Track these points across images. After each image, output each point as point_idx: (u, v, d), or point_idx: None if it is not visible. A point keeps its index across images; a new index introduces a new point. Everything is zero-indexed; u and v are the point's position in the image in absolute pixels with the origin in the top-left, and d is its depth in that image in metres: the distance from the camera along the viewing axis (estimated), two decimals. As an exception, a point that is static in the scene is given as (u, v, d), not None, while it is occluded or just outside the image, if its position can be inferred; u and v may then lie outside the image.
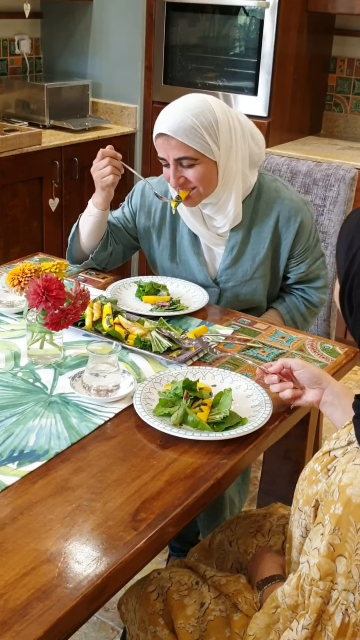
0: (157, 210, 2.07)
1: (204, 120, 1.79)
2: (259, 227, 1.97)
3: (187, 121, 1.78)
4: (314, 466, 1.12)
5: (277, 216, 1.96)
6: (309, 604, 1.04)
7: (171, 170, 1.84)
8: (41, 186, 3.47)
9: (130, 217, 2.13)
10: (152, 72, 3.80)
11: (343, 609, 1.00)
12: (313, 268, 2.06)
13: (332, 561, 1.01)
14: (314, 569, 1.02)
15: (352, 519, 0.98)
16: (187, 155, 1.81)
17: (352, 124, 3.88)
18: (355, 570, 0.98)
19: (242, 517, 1.60)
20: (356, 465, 1.01)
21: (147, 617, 1.35)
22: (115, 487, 1.25)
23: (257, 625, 1.20)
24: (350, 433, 1.07)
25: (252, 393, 1.53)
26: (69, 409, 1.47)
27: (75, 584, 1.05)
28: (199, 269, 2.04)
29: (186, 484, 1.27)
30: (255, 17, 3.41)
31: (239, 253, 1.99)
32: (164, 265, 2.10)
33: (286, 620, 1.10)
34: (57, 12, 4.02)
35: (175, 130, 1.78)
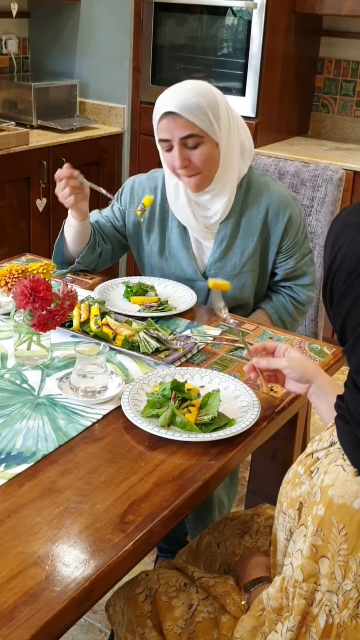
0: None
1: (208, 100, 1.83)
2: (248, 220, 1.98)
3: (193, 99, 1.81)
4: (297, 469, 1.12)
5: (267, 209, 1.97)
6: (293, 606, 1.04)
7: (176, 151, 1.84)
8: (28, 186, 3.46)
9: (120, 215, 2.12)
10: (139, 72, 3.79)
11: (327, 610, 1.01)
12: (301, 264, 2.06)
13: (315, 562, 1.01)
14: (297, 571, 1.02)
15: (334, 520, 0.99)
16: (193, 133, 1.82)
17: (340, 124, 3.89)
18: (339, 571, 0.98)
19: (229, 519, 1.60)
20: (338, 466, 1.01)
21: (135, 619, 1.34)
22: (103, 489, 1.25)
23: (244, 628, 1.20)
24: (332, 434, 1.08)
25: (241, 394, 1.53)
26: (56, 411, 1.46)
27: (62, 587, 1.04)
28: (188, 263, 2.04)
29: (174, 485, 1.27)
30: (243, 17, 3.41)
31: (228, 246, 2.00)
32: (152, 261, 2.10)
33: (271, 623, 1.10)
34: (45, 12, 4.01)
35: (183, 107, 1.80)
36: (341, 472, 1.00)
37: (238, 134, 1.92)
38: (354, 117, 3.84)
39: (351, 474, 1.00)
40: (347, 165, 3.20)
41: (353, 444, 1.01)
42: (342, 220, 1.06)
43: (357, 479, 0.99)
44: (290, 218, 1.98)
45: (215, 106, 1.84)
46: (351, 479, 0.99)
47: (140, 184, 2.09)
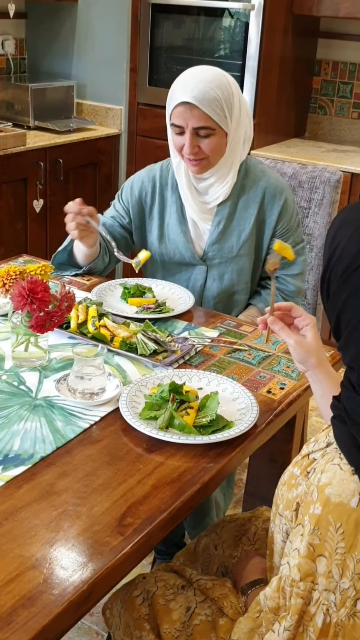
0: (148, 194, 2.12)
1: (224, 93, 1.88)
2: (245, 203, 2.03)
3: (211, 92, 1.86)
4: (294, 470, 1.12)
5: (263, 193, 2.03)
6: (290, 606, 1.03)
7: (188, 138, 1.90)
8: (25, 187, 3.45)
9: (124, 212, 2.16)
10: (137, 73, 3.79)
11: (324, 609, 1.00)
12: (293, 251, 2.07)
13: (312, 561, 1.00)
14: (294, 570, 1.02)
15: (332, 519, 0.98)
16: (207, 125, 1.88)
17: (337, 126, 3.89)
18: (336, 569, 0.98)
19: (227, 521, 1.59)
20: (334, 465, 1.01)
21: (133, 622, 1.34)
22: (101, 491, 1.24)
23: (241, 630, 1.19)
24: (328, 435, 1.07)
25: (239, 396, 1.52)
26: (54, 413, 1.45)
27: (60, 591, 1.04)
28: (186, 247, 2.07)
29: (172, 488, 1.26)
30: (240, 19, 3.41)
31: (225, 228, 2.04)
32: (152, 249, 2.13)
33: (268, 623, 1.10)
34: (42, 13, 4.00)
35: (201, 100, 1.85)
36: (338, 471, 1.00)
37: (244, 122, 1.98)
38: (351, 119, 3.85)
39: (348, 472, 0.99)
40: (344, 167, 3.20)
41: (350, 443, 1.00)
42: (343, 216, 1.07)
43: (354, 478, 0.98)
44: (286, 203, 2.04)
45: (230, 98, 1.90)
46: (348, 478, 0.99)
47: (140, 177, 2.15)
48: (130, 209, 2.14)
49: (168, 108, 1.93)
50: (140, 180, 2.13)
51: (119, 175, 4.00)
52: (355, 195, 3.27)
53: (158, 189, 2.10)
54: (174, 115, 1.91)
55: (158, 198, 2.10)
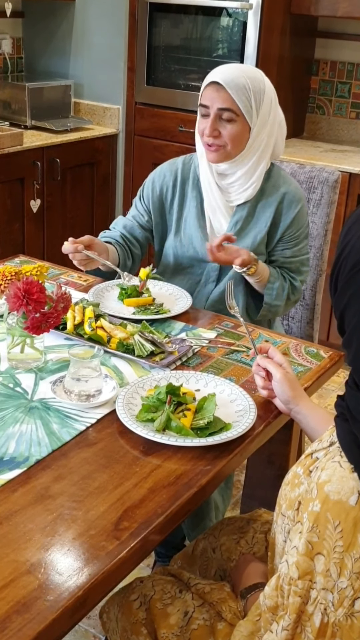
0: (169, 188, 2.13)
1: (255, 85, 1.93)
2: (264, 206, 2.05)
3: (241, 79, 1.91)
4: (297, 470, 1.11)
5: (282, 198, 2.05)
6: (288, 604, 1.02)
7: (210, 119, 1.93)
8: (22, 187, 3.44)
9: (144, 210, 2.18)
10: (134, 73, 3.77)
11: (322, 608, 0.99)
12: (296, 260, 2.10)
13: (311, 559, 0.99)
14: (293, 568, 1.01)
15: (330, 516, 0.97)
16: (230, 108, 1.91)
17: (335, 126, 3.88)
18: (334, 568, 0.97)
19: (225, 524, 1.58)
20: (335, 463, 1.00)
21: (130, 626, 1.32)
22: (97, 495, 1.23)
23: (241, 633, 1.18)
24: (332, 435, 1.06)
25: (236, 398, 1.51)
26: (49, 415, 1.44)
27: (55, 596, 1.02)
28: (202, 243, 2.08)
29: (169, 491, 1.25)
30: (238, 18, 3.40)
31: (241, 229, 2.06)
32: (167, 244, 2.15)
33: (267, 623, 1.08)
34: (39, 12, 3.99)
35: (229, 82, 1.90)
36: (338, 469, 0.99)
37: (274, 132, 2.01)
38: (349, 118, 3.83)
39: (348, 470, 0.98)
40: (342, 167, 3.18)
41: (350, 441, 1.00)
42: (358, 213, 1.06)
43: (353, 476, 0.97)
44: (300, 212, 2.06)
45: (260, 93, 1.94)
46: (348, 476, 0.98)
47: (162, 171, 2.16)
48: (151, 206, 2.16)
49: (201, 90, 1.98)
50: (162, 175, 2.15)
51: (116, 175, 3.98)
52: (353, 195, 3.26)
53: (180, 182, 2.12)
54: (202, 95, 1.95)
55: (179, 192, 2.12)
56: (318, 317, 2.50)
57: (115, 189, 4.01)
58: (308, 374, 1.67)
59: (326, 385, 3.31)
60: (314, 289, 2.44)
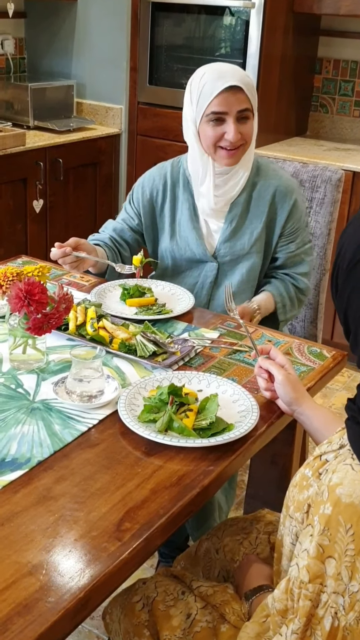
0: (159, 192, 2.13)
1: (252, 79, 2.00)
2: (257, 201, 2.05)
3: (247, 78, 1.96)
4: (305, 471, 1.10)
5: (274, 192, 2.05)
6: (298, 608, 1.01)
7: (232, 124, 1.93)
8: (25, 187, 3.44)
9: (134, 213, 2.18)
10: (137, 72, 3.77)
11: (332, 612, 0.98)
12: (301, 250, 2.12)
13: (322, 563, 0.98)
14: (303, 571, 1.00)
15: (342, 519, 0.96)
16: (248, 107, 1.95)
17: (338, 125, 3.87)
18: (345, 572, 0.96)
19: (228, 524, 1.57)
20: (346, 465, 0.99)
21: (132, 628, 1.32)
22: (99, 496, 1.22)
23: (247, 635, 1.17)
24: (342, 437, 1.06)
25: (239, 398, 1.51)
26: (51, 416, 1.44)
27: (57, 598, 1.02)
28: (197, 243, 2.08)
29: (172, 492, 1.24)
30: (241, 17, 3.39)
31: (237, 226, 2.06)
32: (163, 247, 2.15)
33: (276, 627, 1.08)
34: (41, 12, 3.98)
35: (245, 83, 1.93)
36: (350, 471, 0.98)
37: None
38: (352, 117, 3.82)
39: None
40: (346, 166, 3.18)
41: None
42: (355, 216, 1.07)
43: None
44: (296, 203, 2.06)
45: (254, 86, 1.99)
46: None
47: (151, 175, 2.16)
48: (141, 209, 2.15)
49: (203, 100, 1.93)
50: (151, 179, 2.14)
51: (119, 175, 3.98)
52: (357, 194, 3.25)
53: (170, 186, 2.11)
54: (214, 104, 1.92)
55: (169, 195, 2.12)
56: (322, 316, 2.50)
57: (118, 189, 4.00)
58: (311, 374, 1.67)
59: (330, 385, 3.30)
60: (318, 289, 2.43)
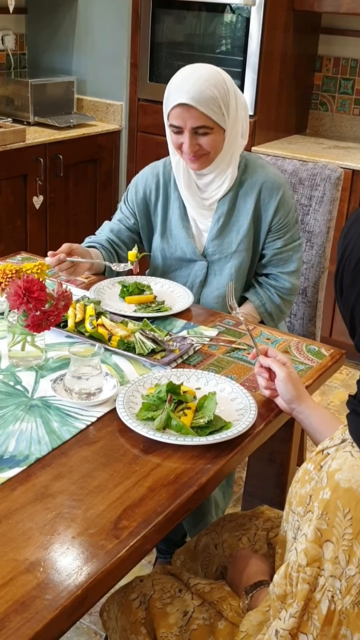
0: (152, 191, 2.13)
1: (220, 91, 1.88)
2: (244, 198, 2.04)
3: (208, 92, 1.86)
4: (307, 466, 1.11)
5: (260, 188, 2.03)
6: (296, 592, 1.02)
7: (187, 138, 1.91)
8: (25, 184, 3.43)
9: (130, 213, 2.18)
10: (137, 69, 3.76)
11: (329, 595, 0.99)
12: (289, 248, 2.09)
13: (319, 547, 0.99)
14: (301, 555, 1.01)
15: (340, 504, 0.97)
16: (205, 125, 1.89)
17: (338, 123, 3.87)
18: (342, 555, 0.97)
19: (227, 520, 1.58)
20: (346, 452, 1.00)
21: (129, 625, 1.32)
22: (97, 493, 1.23)
23: (250, 622, 1.19)
24: (344, 433, 1.06)
25: (237, 396, 1.51)
26: (50, 413, 1.44)
27: (54, 595, 1.02)
28: (187, 242, 2.08)
29: (169, 490, 1.25)
30: (242, 15, 3.39)
31: (224, 223, 2.05)
32: (154, 246, 2.15)
33: (276, 612, 1.08)
34: (42, 8, 3.98)
35: (198, 100, 1.86)
36: (349, 457, 0.99)
37: (240, 116, 1.97)
38: (352, 115, 3.82)
39: (359, 459, 0.98)
40: (345, 164, 3.17)
41: None
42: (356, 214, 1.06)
43: None
44: (283, 198, 2.04)
45: (227, 96, 1.90)
46: (359, 464, 0.98)
47: (144, 175, 2.16)
48: (136, 209, 2.16)
49: (165, 109, 1.94)
50: (144, 178, 2.14)
51: (119, 172, 3.98)
52: (356, 192, 3.25)
53: (162, 185, 2.11)
54: (171, 116, 1.91)
55: (162, 194, 2.12)
56: (320, 314, 2.50)
57: (118, 186, 4.00)
58: (309, 372, 1.67)
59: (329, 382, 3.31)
60: (316, 286, 2.43)
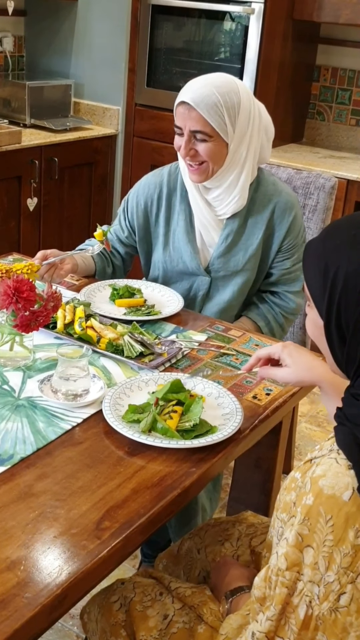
0: (154, 201, 2.08)
1: (227, 100, 1.83)
2: (255, 218, 2.00)
3: (212, 97, 1.82)
4: (295, 475, 1.11)
5: (273, 208, 1.99)
6: (274, 595, 1.02)
7: (184, 140, 1.87)
8: (19, 185, 3.44)
9: (126, 226, 2.14)
10: (135, 74, 3.78)
11: (307, 600, 0.99)
12: (296, 267, 2.08)
13: (300, 551, 0.99)
14: (282, 559, 1.01)
15: (323, 510, 0.97)
16: (203, 130, 1.84)
17: (334, 132, 3.89)
18: (322, 561, 0.97)
19: (211, 525, 1.58)
20: (331, 459, 1.00)
21: (109, 627, 1.32)
22: (80, 494, 1.23)
23: (230, 625, 1.19)
24: (333, 444, 1.06)
25: (224, 401, 1.51)
26: (36, 413, 1.44)
27: (34, 594, 1.02)
28: (192, 257, 2.04)
29: (153, 492, 1.25)
30: (241, 23, 3.40)
31: (233, 242, 2.01)
32: (155, 256, 2.11)
33: (254, 614, 1.08)
34: (42, 11, 3.99)
35: (199, 102, 1.81)
36: (334, 464, 0.99)
37: (259, 137, 1.93)
38: (349, 125, 3.84)
39: (344, 467, 0.98)
40: (340, 174, 3.19)
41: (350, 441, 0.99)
42: (322, 244, 1.04)
43: (349, 472, 0.97)
44: (295, 218, 2.01)
45: (235, 107, 1.84)
46: (344, 472, 0.98)
47: (146, 183, 2.10)
48: (135, 221, 2.10)
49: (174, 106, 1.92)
50: (146, 187, 2.08)
51: (114, 176, 3.99)
52: (350, 202, 3.26)
53: (165, 195, 2.06)
54: (175, 114, 1.89)
55: (165, 204, 2.06)
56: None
57: (113, 190, 4.01)
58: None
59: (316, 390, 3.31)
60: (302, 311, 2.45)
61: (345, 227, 1.05)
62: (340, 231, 1.05)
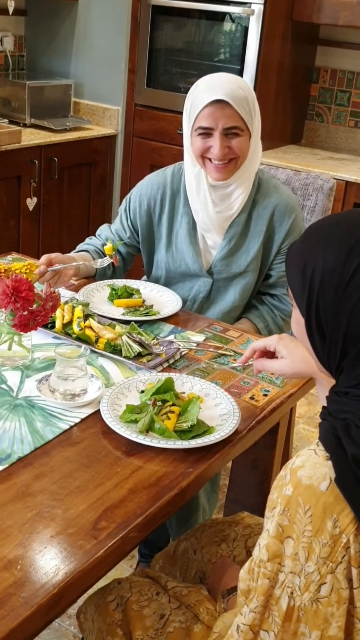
0: (157, 202, 2.07)
1: (250, 94, 1.88)
2: (256, 220, 2.01)
3: (240, 92, 1.85)
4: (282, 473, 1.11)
5: (274, 209, 2.00)
6: (256, 587, 1.02)
7: (217, 140, 1.86)
8: (19, 185, 3.44)
9: (127, 225, 2.13)
10: (135, 74, 3.78)
11: (289, 592, 0.99)
12: None
13: (281, 542, 0.99)
14: (263, 550, 1.01)
15: (301, 501, 0.97)
16: (237, 125, 1.86)
17: (333, 134, 3.89)
18: (302, 552, 0.97)
19: (207, 525, 1.58)
20: (310, 450, 1.01)
21: (105, 627, 1.32)
22: (78, 494, 1.23)
23: (223, 624, 1.19)
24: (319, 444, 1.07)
25: (221, 402, 1.52)
26: (34, 413, 1.44)
27: (30, 593, 1.02)
28: (194, 259, 2.04)
29: (150, 492, 1.25)
30: (241, 24, 3.41)
31: (235, 245, 2.02)
32: (158, 257, 2.11)
33: (240, 607, 1.09)
34: (42, 11, 3.99)
35: (233, 97, 1.83)
36: (312, 455, 1.00)
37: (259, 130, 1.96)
38: (347, 127, 3.84)
39: (322, 457, 0.99)
40: (339, 175, 3.19)
41: (329, 433, 1.00)
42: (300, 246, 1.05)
43: (327, 463, 0.98)
44: (295, 220, 2.02)
45: (255, 100, 1.90)
46: (322, 462, 0.98)
47: (149, 183, 2.09)
48: (138, 220, 2.10)
49: (192, 113, 1.88)
50: (149, 188, 2.08)
51: (114, 176, 3.99)
52: (349, 204, 3.27)
53: (169, 196, 2.05)
54: (200, 117, 1.87)
55: (168, 205, 2.06)
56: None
57: (112, 190, 4.01)
58: (294, 380, 1.68)
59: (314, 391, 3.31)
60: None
61: (324, 226, 1.06)
62: (318, 230, 1.06)
